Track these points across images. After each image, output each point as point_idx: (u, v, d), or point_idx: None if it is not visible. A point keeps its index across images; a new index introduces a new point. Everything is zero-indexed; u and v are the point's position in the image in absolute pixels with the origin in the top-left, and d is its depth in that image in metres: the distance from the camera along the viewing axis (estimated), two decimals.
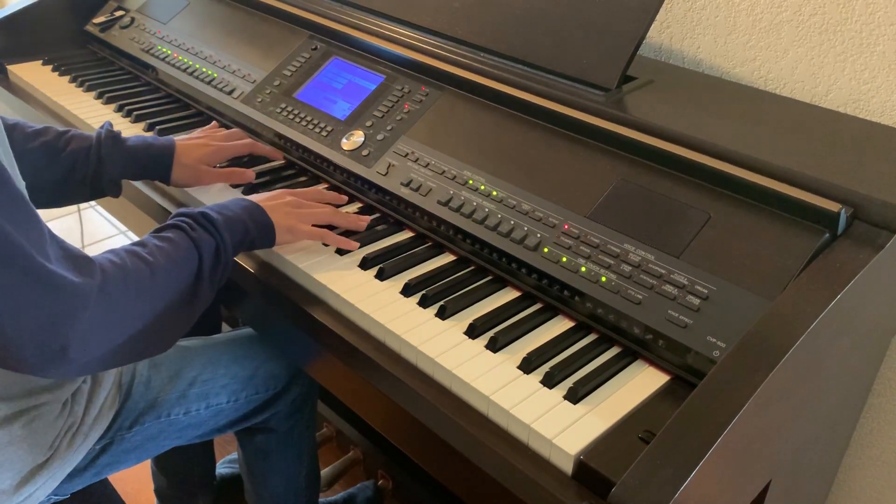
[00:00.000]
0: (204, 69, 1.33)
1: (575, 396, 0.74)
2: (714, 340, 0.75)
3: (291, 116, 1.18)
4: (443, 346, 0.81)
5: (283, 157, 1.19)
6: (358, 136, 1.10)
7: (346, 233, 1.00)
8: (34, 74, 1.48)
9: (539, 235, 0.89)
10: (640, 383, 0.78)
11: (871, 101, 1.06)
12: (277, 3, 1.35)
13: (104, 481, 1.05)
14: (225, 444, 1.76)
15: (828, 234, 0.78)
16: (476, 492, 0.73)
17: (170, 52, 1.40)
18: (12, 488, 0.86)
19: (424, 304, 0.88)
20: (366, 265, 0.94)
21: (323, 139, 1.13)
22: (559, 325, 0.86)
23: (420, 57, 1.13)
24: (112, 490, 1.08)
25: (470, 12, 1.14)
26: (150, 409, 1.00)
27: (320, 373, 0.93)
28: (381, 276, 0.92)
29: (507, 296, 0.91)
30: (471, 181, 0.98)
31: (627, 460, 0.63)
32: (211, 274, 0.84)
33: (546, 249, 0.88)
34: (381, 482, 1.47)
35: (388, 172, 1.04)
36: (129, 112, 1.32)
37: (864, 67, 1.05)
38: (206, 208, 0.89)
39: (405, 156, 1.04)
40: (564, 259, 0.86)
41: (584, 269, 0.85)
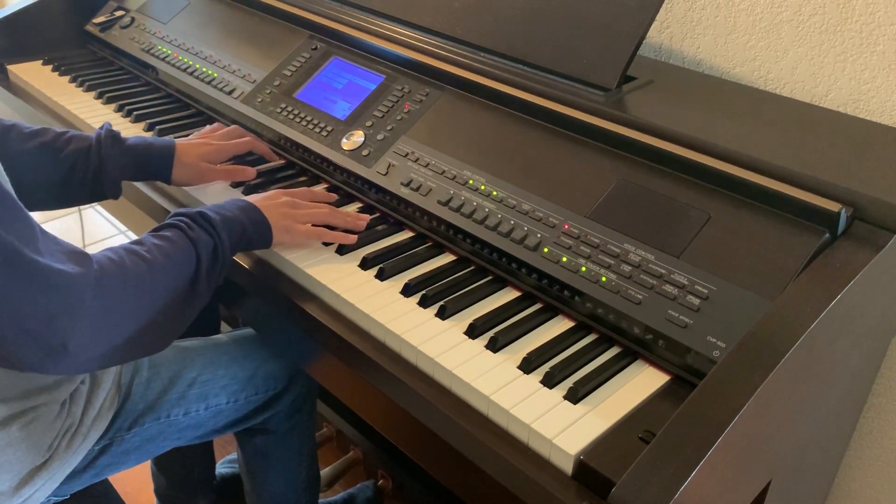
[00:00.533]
0: (204, 69, 1.33)
1: (575, 396, 0.74)
2: (714, 340, 0.75)
3: (291, 116, 1.18)
4: (443, 346, 0.81)
5: (278, 157, 1.19)
6: (358, 136, 1.10)
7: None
8: (34, 74, 1.48)
9: (539, 235, 0.89)
10: (640, 383, 0.78)
11: (871, 101, 1.06)
12: (277, 3, 1.35)
13: (104, 482, 1.05)
14: (225, 444, 1.76)
15: (828, 234, 0.78)
16: (476, 492, 0.73)
17: (170, 52, 1.40)
18: (11, 490, 0.86)
19: (424, 304, 0.88)
20: (366, 265, 0.94)
21: (323, 139, 1.13)
22: (559, 325, 0.86)
23: (420, 57, 1.13)
24: (112, 490, 1.08)
25: (470, 12, 1.14)
26: (149, 410, 1.00)
27: (320, 373, 0.93)
28: (382, 276, 0.92)
29: (507, 296, 0.91)
30: (471, 181, 0.98)
31: (627, 460, 0.63)
32: (209, 273, 0.85)
33: (546, 249, 0.88)
34: (381, 482, 1.46)
35: (388, 172, 1.04)
36: (129, 112, 1.32)
37: (864, 67, 1.05)
38: (204, 208, 0.89)
39: (405, 156, 1.04)
40: (564, 259, 0.86)
41: (584, 269, 0.85)
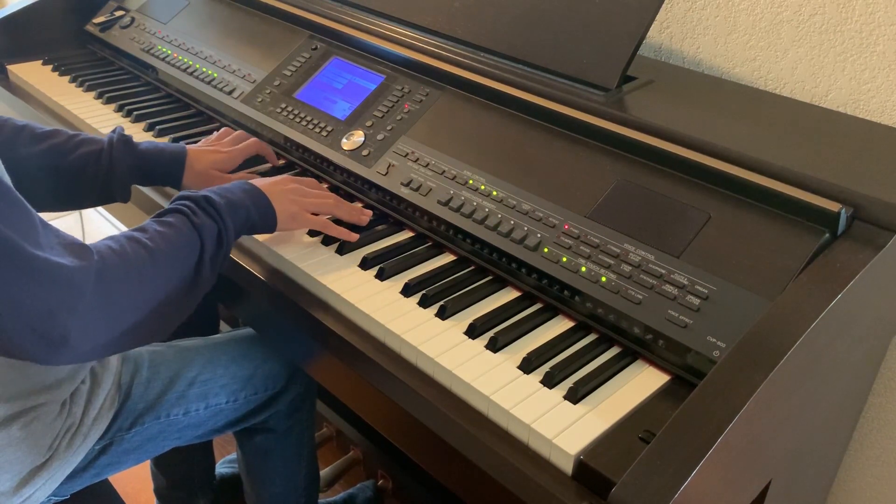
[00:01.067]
0: (204, 69, 1.33)
1: (575, 396, 0.74)
2: (714, 340, 0.75)
3: (291, 116, 1.18)
4: (443, 346, 0.81)
5: (280, 159, 1.19)
6: (358, 136, 1.10)
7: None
8: (34, 74, 1.48)
9: (539, 235, 0.89)
10: (640, 383, 0.78)
11: (871, 101, 1.06)
12: (277, 3, 1.35)
13: (104, 481, 1.05)
14: (225, 444, 1.76)
15: (828, 234, 0.78)
16: (476, 492, 0.73)
17: (170, 52, 1.40)
18: (11, 490, 0.86)
19: (424, 304, 0.88)
20: (366, 265, 0.94)
21: (323, 139, 1.13)
22: (559, 325, 0.86)
23: (420, 57, 1.13)
24: (112, 490, 1.08)
25: (470, 12, 1.14)
26: (149, 410, 1.00)
27: (320, 373, 0.93)
28: (381, 276, 0.92)
29: (507, 296, 0.91)
30: (471, 181, 0.98)
31: (627, 460, 0.63)
32: (213, 259, 0.84)
33: (546, 249, 0.88)
34: (381, 482, 1.46)
35: (388, 172, 1.04)
36: (129, 112, 1.32)
37: (864, 67, 1.05)
38: (209, 191, 0.88)
39: (405, 156, 1.04)
40: (564, 259, 0.86)
41: (584, 269, 0.85)
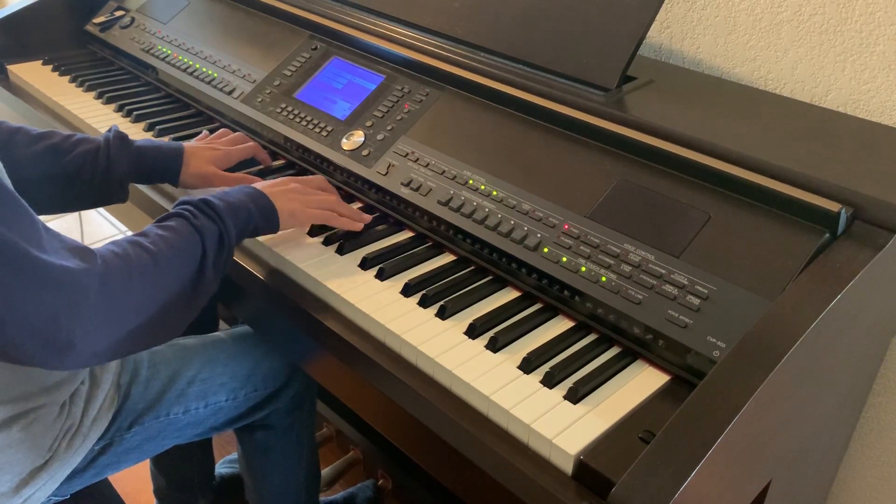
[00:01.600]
0: (204, 69, 1.33)
1: (575, 396, 0.74)
2: (714, 340, 0.75)
3: (291, 116, 1.18)
4: (443, 346, 0.81)
5: (272, 160, 1.19)
6: (358, 136, 1.10)
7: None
8: (34, 74, 1.48)
9: (539, 235, 0.89)
10: (640, 383, 0.78)
11: (871, 101, 1.06)
12: (277, 3, 1.35)
13: (104, 481, 1.05)
14: (225, 444, 1.76)
15: (828, 234, 0.78)
16: (476, 492, 0.73)
17: (170, 52, 1.40)
18: (12, 490, 0.86)
19: (424, 304, 0.88)
20: (366, 265, 0.94)
21: (323, 139, 1.13)
22: (559, 325, 0.86)
23: (420, 57, 1.13)
24: (112, 490, 1.08)
25: (470, 12, 1.14)
26: (149, 409, 1.00)
27: (320, 373, 0.93)
28: (381, 276, 0.92)
29: (507, 296, 0.91)
30: (471, 181, 0.98)
31: (627, 460, 0.63)
32: (215, 261, 0.84)
33: (546, 249, 0.88)
34: (381, 482, 1.46)
35: (388, 172, 1.04)
36: (129, 112, 1.32)
37: (864, 67, 1.05)
38: (208, 195, 0.88)
39: (405, 156, 1.04)
40: (564, 259, 0.86)
41: (584, 269, 0.85)
